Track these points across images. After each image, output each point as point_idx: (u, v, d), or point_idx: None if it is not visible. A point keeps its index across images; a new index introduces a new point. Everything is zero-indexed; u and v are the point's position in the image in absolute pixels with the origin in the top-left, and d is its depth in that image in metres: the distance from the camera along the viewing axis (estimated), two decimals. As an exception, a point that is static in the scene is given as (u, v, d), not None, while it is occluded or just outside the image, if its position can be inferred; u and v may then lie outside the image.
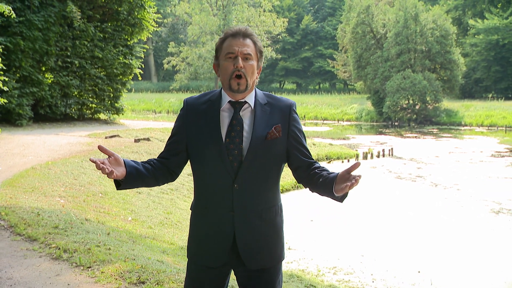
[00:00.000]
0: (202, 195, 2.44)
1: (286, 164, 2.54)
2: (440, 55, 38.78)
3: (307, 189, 2.52)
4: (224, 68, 2.37)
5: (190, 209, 2.55)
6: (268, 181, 2.42)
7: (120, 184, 2.35)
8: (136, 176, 2.36)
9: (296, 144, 2.46)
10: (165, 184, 10.25)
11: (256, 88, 2.47)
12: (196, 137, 2.41)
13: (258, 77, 2.44)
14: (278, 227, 2.47)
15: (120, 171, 2.30)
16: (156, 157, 2.53)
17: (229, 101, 2.39)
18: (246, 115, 2.39)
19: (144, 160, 2.52)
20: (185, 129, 2.44)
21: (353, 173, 2.29)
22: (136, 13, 22.39)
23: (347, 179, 2.28)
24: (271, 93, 2.53)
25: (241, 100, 2.40)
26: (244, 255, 2.39)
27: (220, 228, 2.39)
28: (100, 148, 2.26)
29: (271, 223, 2.44)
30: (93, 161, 2.19)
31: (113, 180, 2.33)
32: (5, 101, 15.14)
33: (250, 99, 2.41)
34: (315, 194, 2.46)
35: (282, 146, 2.42)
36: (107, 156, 2.29)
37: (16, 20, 17.70)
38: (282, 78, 68.22)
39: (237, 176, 2.35)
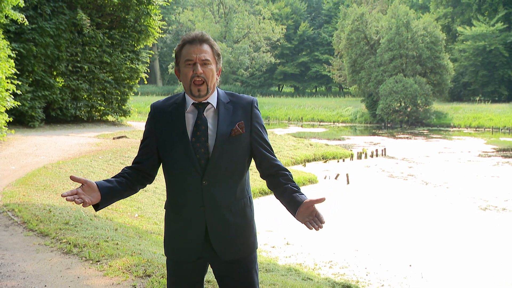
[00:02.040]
0: (174, 193, 2.44)
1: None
2: (430, 60, 38.79)
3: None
4: (184, 75, 2.37)
5: (164, 208, 2.54)
6: (235, 176, 2.42)
7: (98, 206, 2.35)
8: (111, 196, 2.37)
9: (258, 138, 2.45)
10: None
11: (218, 88, 2.47)
12: (164, 139, 2.42)
13: (218, 79, 2.45)
14: (248, 218, 2.47)
15: (95, 196, 2.30)
16: (132, 163, 2.52)
17: (193, 103, 2.40)
18: (210, 115, 2.40)
19: (125, 166, 2.52)
20: (154, 132, 2.45)
21: (317, 205, 2.31)
22: (142, 21, 22.37)
23: (311, 212, 2.30)
24: (269, 96, 2.53)
25: (204, 102, 2.40)
26: (217, 248, 2.39)
27: (192, 223, 2.40)
28: (72, 178, 2.25)
29: (241, 215, 2.44)
30: (64, 196, 2.19)
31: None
32: (19, 103, 15.14)
33: (213, 99, 2.42)
34: (313, 192, 2.46)
35: (246, 142, 2.42)
36: (80, 184, 2.28)
37: (29, 27, 17.70)
38: (280, 82, 68.17)
39: (205, 173, 2.35)
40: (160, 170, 2.55)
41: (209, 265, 2.52)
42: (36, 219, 6.33)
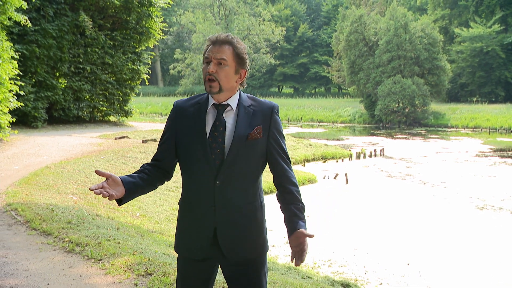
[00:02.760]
0: (188, 191, 2.45)
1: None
2: (428, 62, 38.80)
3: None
4: (202, 71, 2.41)
5: (178, 204, 2.55)
6: (249, 179, 2.41)
7: (121, 201, 2.37)
8: (134, 191, 2.39)
9: (275, 144, 2.44)
10: (171, 182, 10.23)
11: (241, 92, 2.47)
12: (183, 137, 2.43)
13: (243, 81, 2.44)
14: (259, 221, 2.46)
15: (120, 191, 2.32)
16: (150, 160, 2.53)
17: (213, 104, 2.41)
18: (229, 116, 2.40)
19: (145, 163, 2.53)
20: (174, 130, 2.46)
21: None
22: (144, 23, 22.38)
23: (299, 244, 2.34)
24: (269, 97, 2.53)
25: (224, 103, 2.41)
26: (224, 248, 2.39)
27: (202, 222, 2.40)
28: (97, 172, 2.27)
29: (252, 218, 2.43)
30: (92, 190, 2.21)
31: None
32: (22, 104, 15.13)
33: (233, 101, 2.42)
34: (312, 192, 2.46)
35: (263, 146, 2.41)
36: (105, 179, 2.30)
37: (32, 29, 17.70)
38: (280, 83, 68.19)
39: (219, 173, 2.35)
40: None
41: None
42: (39, 218, 6.33)
